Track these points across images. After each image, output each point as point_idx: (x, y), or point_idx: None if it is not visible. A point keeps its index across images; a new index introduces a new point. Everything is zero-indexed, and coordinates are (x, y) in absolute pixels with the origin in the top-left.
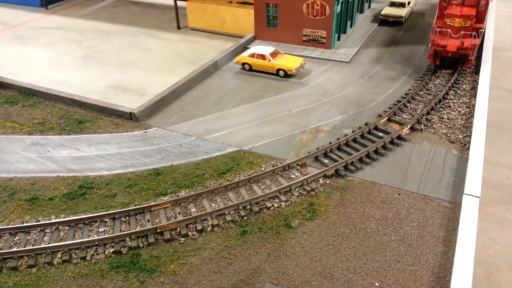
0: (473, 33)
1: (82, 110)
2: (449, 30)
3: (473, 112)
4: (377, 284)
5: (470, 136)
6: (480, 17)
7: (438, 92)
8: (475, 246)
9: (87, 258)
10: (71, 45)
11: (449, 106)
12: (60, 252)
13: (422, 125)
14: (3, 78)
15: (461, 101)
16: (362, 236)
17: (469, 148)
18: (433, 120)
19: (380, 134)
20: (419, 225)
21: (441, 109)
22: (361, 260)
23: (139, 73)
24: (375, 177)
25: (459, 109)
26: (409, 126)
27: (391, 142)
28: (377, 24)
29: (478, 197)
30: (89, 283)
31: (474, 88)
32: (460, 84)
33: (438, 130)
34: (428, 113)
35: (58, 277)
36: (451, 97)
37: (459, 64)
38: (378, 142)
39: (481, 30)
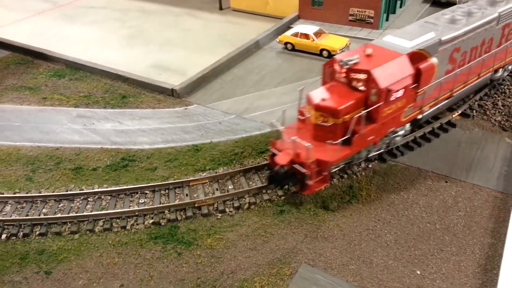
0: (332, 141)
1: (126, 86)
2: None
3: None
4: (418, 272)
5: None
6: (373, 116)
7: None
8: None
9: (127, 228)
10: (115, 24)
11: (504, 93)
12: (102, 221)
13: (474, 111)
14: (51, 52)
15: None
16: (404, 222)
17: None
18: (486, 107)
19: (429, 119)
20: (466, 214)
21: (495, 95)
22: (402, 247)
23: (180, 53)
24: (420, 163)
25: None
26: (459, 112)
27: (440, 128)
28: (428, 4)
29: None
30: (129, 252)
31: None
32: None
33: (491, 117)
34: (481, 99)
35: (99, 244)
36: (507, 83)
37: (294, 185)
38: (426, 127)
39: (369, 138)
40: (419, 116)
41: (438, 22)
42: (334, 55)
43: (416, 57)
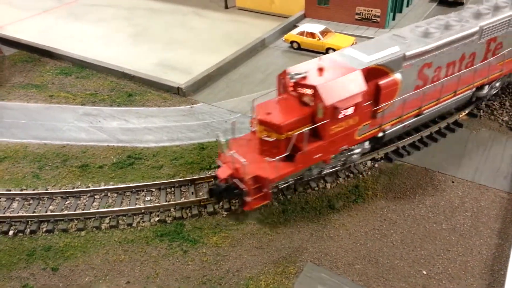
0: (271, 158)
1: (132, 84)
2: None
3: None
4: (424, 272)
5: None
6: (320, 133)
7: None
8: None
9: (133, 225)
10: (122, 23)
11: None
12: (108, 218)
13: (481, 111)
14: (58, 50)
15: None
16: (410, 222)
17: None
18: (494, 107)
19: (436, 119)
20: (472, 215)
21: (503, 95)
22: (408, 246)
23: (185, 52)
24: (427, 163)
25: None
26: (466, 112)
27: (447, 128)
28: (435, 4)
29: None
30: (135, 249)
31: None
32: None
33: (498, 117)
34: (488, 99)
35: (105, 241)
36: None
37: (235, 199)
38: (433, 127)
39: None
40: (380, 134)
41: (409, 35)
42: None
43: (375, 72)
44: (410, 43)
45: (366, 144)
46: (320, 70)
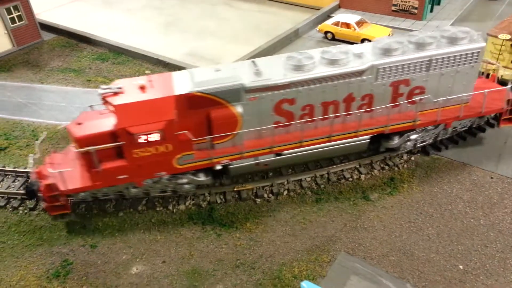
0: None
1: (166, 70)
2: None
3: None
4: (461, 266)
5: None
6: (123, 154)
7: None
8: None
9: (169, 208)
10: (153, 12)
11: None
12: (145, 200)
13: None
14: (95, 36)
15: None
16: (447, 217)
17: None
18: None
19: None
20: None
21: None
22: (445, 241)
23: (215, 42)
24: (465, 158)
25: None
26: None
27: (486, 123)
28: None
29: None
30: (170, 230)
31: None
32: None
33: None
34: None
35: (141, 222)
36: None
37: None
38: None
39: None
40: (218, 167)
41: (269, 65)
42: None
43: (202, 101)
44: (262, 74)
45: (202, 176)
46: (142, 88)
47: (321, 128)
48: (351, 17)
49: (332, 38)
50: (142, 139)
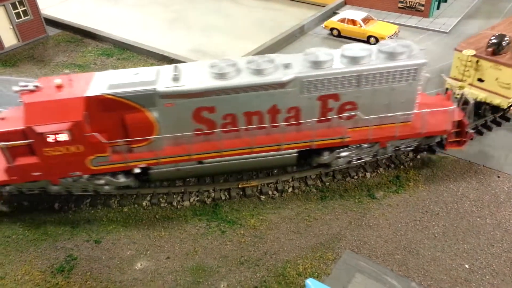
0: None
1: None
2: None
3: None
4: (467, 266)
5: None
6: (34, 151)
7: None
8: None
9: (173, 204)
10: (158, 8)
11: None
12: (149, 195)
13: None
14: (100, 32)
15: None
16: (453, 215)
17: None
18: None
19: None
20: None
21: None
22: (450, 239)
23: (220, 38)
24: (472, 157)
25: None
26: None
27: (493, 121)
28: None
29: None
30: (174, 226)
31: None
32: None
33: None
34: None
35: (145, 218)
36: None
37: None
38: (479, 120)
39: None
40: (136, 170)
41: (191, 71)
42: None
43: (115, 104)
44: (184, 78)
45: (121, 178)
46: (58, 87)
47: (243, 139)
48: (357, 14)
49: (338, 35)
50: (50, 138)
